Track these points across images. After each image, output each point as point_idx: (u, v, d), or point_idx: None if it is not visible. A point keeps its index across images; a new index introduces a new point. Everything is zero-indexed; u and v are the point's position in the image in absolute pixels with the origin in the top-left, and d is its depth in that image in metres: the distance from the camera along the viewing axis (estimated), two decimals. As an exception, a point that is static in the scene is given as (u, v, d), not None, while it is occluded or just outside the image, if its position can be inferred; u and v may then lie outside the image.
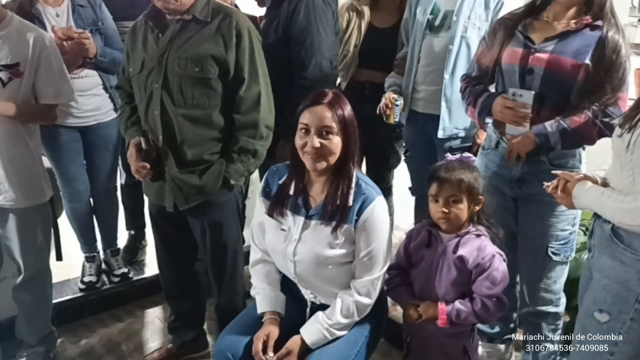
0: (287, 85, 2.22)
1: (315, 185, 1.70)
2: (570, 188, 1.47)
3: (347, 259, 1.67)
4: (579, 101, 1.74)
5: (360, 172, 1.72)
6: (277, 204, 1.72)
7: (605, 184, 1.44)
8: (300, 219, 1.69)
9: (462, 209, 1.64)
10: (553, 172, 1.58)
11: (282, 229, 1.71)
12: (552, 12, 1.80)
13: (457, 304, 1.63)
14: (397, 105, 2.36)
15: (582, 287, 1.55)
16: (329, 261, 1.66)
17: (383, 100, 2.40)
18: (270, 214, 1.73)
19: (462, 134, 2.35)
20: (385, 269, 1.68)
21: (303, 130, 1.63)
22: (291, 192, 1.71)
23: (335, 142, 1.61)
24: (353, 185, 1.65)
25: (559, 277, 1.96)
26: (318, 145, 1.59)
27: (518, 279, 2.09)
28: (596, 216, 1.46)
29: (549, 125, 1.75)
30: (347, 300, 1.66)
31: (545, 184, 1.57)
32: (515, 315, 2.19)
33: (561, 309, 2.02)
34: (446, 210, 1.62)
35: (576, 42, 1.72)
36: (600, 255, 1.43)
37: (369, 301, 1.67)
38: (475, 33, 2.23)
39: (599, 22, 1.71)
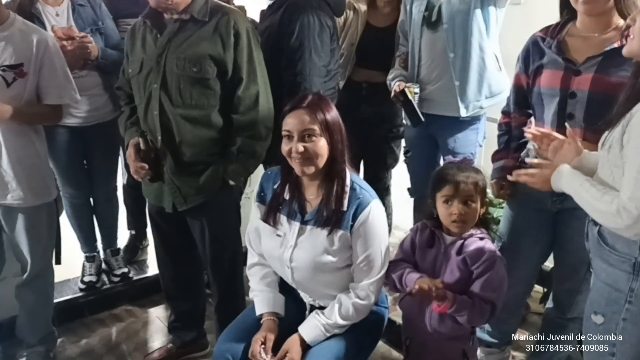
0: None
1: (310, 190, 1.69)
2: (547, 175, 1.46)
3: (344, 264, 1.67)
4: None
5: (355, 176, 1.70)
6: (272, 209, 1.71)
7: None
8: (296, 225, 1.68)
9: (476, 210, 1.63)
10: (527, 160, 1.56)
11: (278, 235, 1.71)
12: (581, 22, 1.67)
13: (462, 297, 1.58)
14: (417, 93, 2.30)
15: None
16: (326, 267, 1.65)
17: (397, 89, 2.30)
18: (265, 220, 1.72)
19: (486, 104, 2.33)
20: (384, 271, 1.67)
21: (286, 137, 1.62)
22: (286, 196, 1.70)
23: (321, 145, 1.60)
24: (347, 189, 1.64)
25: None
26: (302, 149, 1.58)
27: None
28: (588, 218, 1.44)
29: None
30: (346, 303, 1.65)
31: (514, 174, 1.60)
32: (516, 327, 2.17)
33: None
34: (463, 212, 1.60)
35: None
36: (594, 257, 1.43)
37: (368, 303, 1.67)
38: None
39: None
